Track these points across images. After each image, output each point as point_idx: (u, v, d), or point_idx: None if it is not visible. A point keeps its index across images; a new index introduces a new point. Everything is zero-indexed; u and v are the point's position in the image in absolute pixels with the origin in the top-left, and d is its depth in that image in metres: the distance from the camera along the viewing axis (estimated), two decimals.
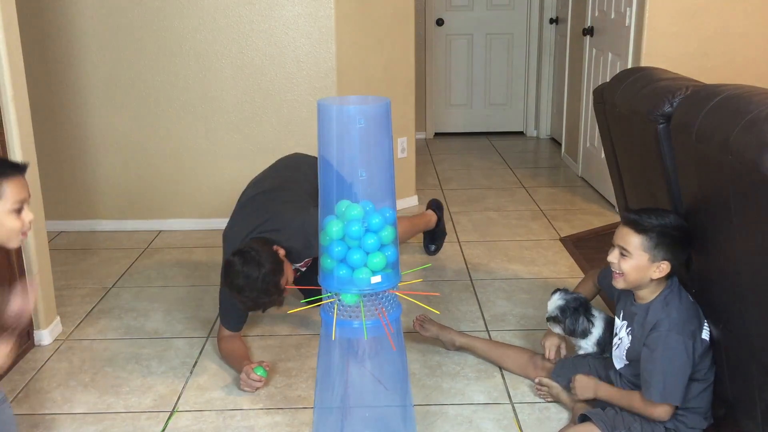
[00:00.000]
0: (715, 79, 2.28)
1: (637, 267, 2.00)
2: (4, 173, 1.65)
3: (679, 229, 2.00)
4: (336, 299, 1.90)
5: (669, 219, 2.00)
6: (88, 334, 2.90)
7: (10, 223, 1.66)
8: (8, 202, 1.65)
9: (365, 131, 1.84)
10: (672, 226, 1.98)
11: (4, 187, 1.64)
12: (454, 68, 6.43)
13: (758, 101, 1.67)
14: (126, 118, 3.94)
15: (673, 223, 1.99)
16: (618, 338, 2.18)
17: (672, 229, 1.98)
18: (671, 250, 1.98)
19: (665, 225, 1.97)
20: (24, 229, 1.69)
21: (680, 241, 2.00)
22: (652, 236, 1.97)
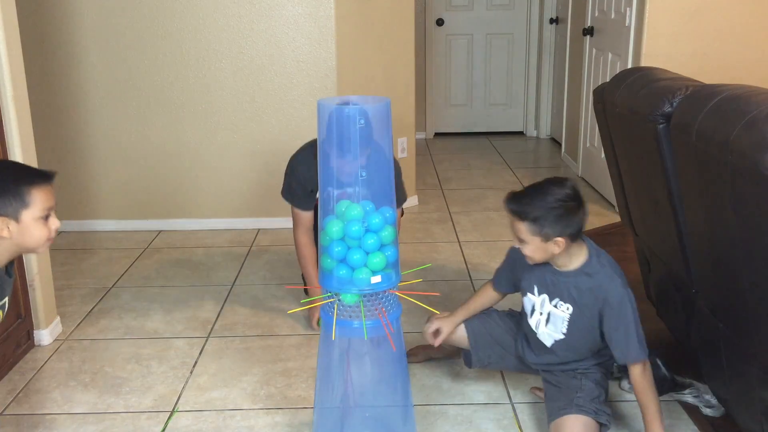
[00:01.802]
0: (715, 79, 2.27)
1: (536, 249, 2.02)
2: (33, 181, 1.68)
3: (559, 203, 1.98)
4: (336, 299, 1.90)
5: (546, 199, 1.99)
6: (88, 334, 2.90)
7: (38, 230, 1.69)
8: (37, 210, 1.68)
9: (365, 131, 1.84)
10: (550, 206, 1.97)
11: (33, 194, 1.67)
12: (454, 68, 6.44)
13: (758, 101, 1.67)
14: (126, 118, 3.94)
15: (550, 201, 1.98)
16: (539, 314, 2.16)
17: (551, 209, 1.97)
18: (558, 226, 1.98)
19: (542, 206, 1.98)
20: (50, 236, 1.73)
21: (564, 215, 1.98)
22: (534, 220, 1.98)
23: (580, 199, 2.01)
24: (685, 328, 2.35)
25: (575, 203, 1.99)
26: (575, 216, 2.00)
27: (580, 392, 2.08)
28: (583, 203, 2.01)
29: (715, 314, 2.05)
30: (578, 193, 2.01)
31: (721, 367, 2.08)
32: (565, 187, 2.01)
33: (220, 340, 2.83)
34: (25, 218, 1.67)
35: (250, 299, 3.19)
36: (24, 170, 1.77)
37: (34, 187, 1.68)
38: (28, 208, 1.67)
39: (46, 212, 1.70)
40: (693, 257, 2.14)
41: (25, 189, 1.66)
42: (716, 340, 2.06)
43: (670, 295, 2.49)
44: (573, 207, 1.99)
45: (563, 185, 2.01)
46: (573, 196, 1.99)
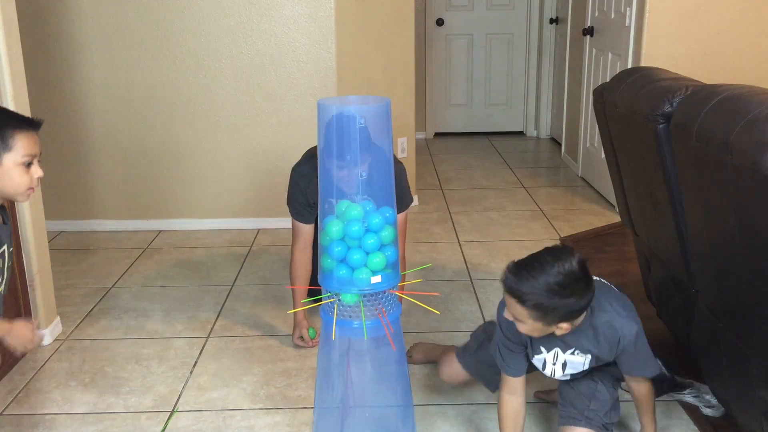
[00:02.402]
0: (715, 79, 2.27)
1: (534, 330, 1.81)
2: (17, 126, 1.68)
3: (566, 289, 1.71)
4: (336, 299, 1.91)
5: (550, 282, 1.71)
6: (88, 334, 2.90)
7: (18, 176, 1.68)
8: (18, 155, 1.66)
9: (365, 131, 1.84)
10: (555, 291, 1.70)
11: (17, 138, 1.66)
12: (454, 68, 6.43)
13: (758, 101, 1.67)
14: (126, 118, 3.94)
15: (555, 286, 1.70)
16: (553, 365, 1.97)
17: (556, 294, 1.71)
18: (562, 314, 1.75)
19: (546, 291, 1.71)
20: (32, 185, 1.71)
21: (571, 303, 1.74)
22: (536, 307, 1.73)
23: (588, 276, 1.77)
24: (685, 328, 2.35)
25: (583, 285, 1.75)
26: (582, 299, 1.76)
27: (593, 402, 2.01)
28: (591, 279, 1.78)
29: (715, 314, 2.05)
30: (585, 269, 1.75)
31: (721, 367, 2.07)
32: (572, 265, 1.73)
33: (220, 340, 2.83)
34: (6, 161, 1.66)
35: (250, 299, 3.19)
36: (10, 115, 1.75)
37: (18, 131, 1.67)
38: (10, 152, 1.66)
39: (28, 159, 1.68)
40: (693, 257, 2.14)
41: (9, 132, 1.66)
42: (716, 340, 2.06)
43: (670, 295, 2.49)
44: (580, 290, 1.75)
45: (569, 262, 1.73)
46: (580, 276, 1.74)
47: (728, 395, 2.10)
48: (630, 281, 3.25)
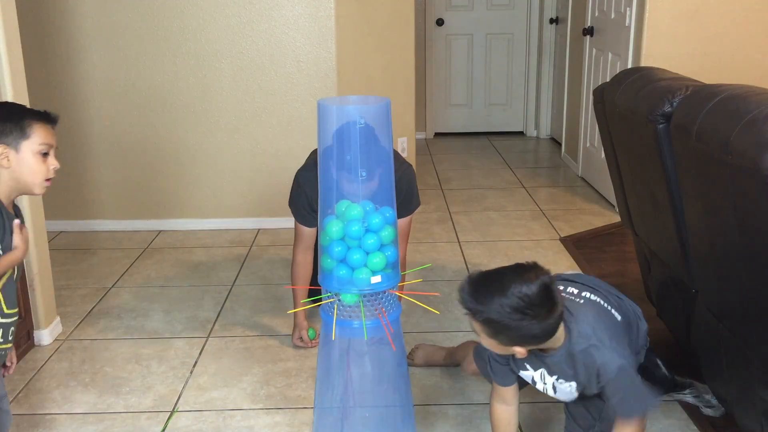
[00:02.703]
0: (715, 79, 2.27)
1: (492, 346, 1.72)
2: (34, 116, 1.75)
3: (518, 312, 1.60)
4: (336, 299, 1.90)
5: (503, 301, 1.60)
6: (88, 334, 2.90)
7: (36, 165, 1.74)
8: (35, 143, 1.74)
9: (365, 131, 1.84)
10: (506, 312, 1.60)
11: (34, 127, 1.74)
12: (454, 68, 6.43)
13: (758, 101, 1.67)
14: (126, 118, 3.94)
15: (507, 307, 1.59)
16: (543, 384, 1.87)
17: (507, 316, 1.60)
18: (515, 336, 1.65)
19: (498, 310, 1.60)
20: (49, 175, 1.77)
21: (524, 327, 1.62)
22: (487, 323, 1.64)
23: (550, 302, 1.62)
24: (685, 328, 2.35)
25: (541, 310, 1.61)
26: (539, 325, 1.63)
27: (599, 423, 1.96)
28: (554, 305, 1.63)
29: (715, 314, 2.05)
30: (548, 294, 1.62)
31: (721, 367, 2.07)
32: (532, 287, 1.60)
33: (220, 340, 2.83)
34: (24, 149, 1.73)
35: (250, 299, 3.19)
36: (27, 108, 1.82)
37: (35, 122, 1.74)
38: (28, 140, 1.73)
39: (45, 148, 1.75)
40: (693, 257, 2.14)
41: (26, 122, 1.73)
42: (716, 340, 2.06)
43: (670, 295, 2.49)
44: (536, 316, 1.61)
45: (530, 283, 1.60)
46: (538, 302, 1.60)
47: (728, 395, 2.10)
48: (630, 281, 3.25)
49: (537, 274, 1.63)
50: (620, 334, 1.82)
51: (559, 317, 1.67)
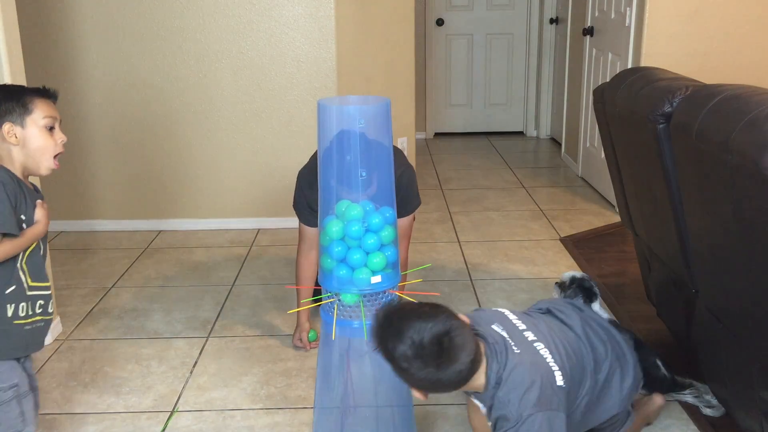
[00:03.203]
0: (715, 79, 2.27)
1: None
2: (34, 92, 1.80)
3: (407, 358, 1.53)
4: (336, 299, 1.91)
5: (397, 347, 1.54)
6: (88, 334, 2.90)
7: (43, 139, 1.78)
8: (39, 117, 1.77)
9: (365, 131, 1.84)
10: (397, 357, 1.55)
11: (36, 102, 1.78)
12: (454, 68, 6.44)
13: (758, 101, 1.67)
14: (126, 118, 3.94)
15: (400, 352, 1.54)
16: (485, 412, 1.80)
17: (397, 361, 1.56)
18: (409, 381, 1.60)
19: (391, 351, 1.55)
20: (57, 150, 1.80)
21: (411, 374, 1.56)
22: (387, 361, 1.59)
23: (443, 356, 1.54)
24: (685, 328, 2.35)
25: (430, 362, 1.53)
26: (432, 375, 1.55)
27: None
28: (448, 360, 1.54)
29: (715, 314, 2.05)
30: (440, 347, 1.53)
31: (721, 367, 2.08)
32: (424, 337, 1.52)
33: (220, 340, 2.83)
34: (29, 125, 1.76)
35: (250, 299, 3.19)
36: (32, 87, 1.86)
37: (36, 97, 1.79)
38: (31, 114, 1.76)
39: (50, 122, 1.79)
40: (693, 257, 2.14)
41: (27, 98, 1.77)
42: (716, 340, 2.06)
43: (670, 295, 2.49)
44: (424, 366, 1.54)
45: (424, 332, 1.52)
46: (428, 353, 1.52)
47: (728, 395, 2.10)
48: (630, 281, 3.26)
49: (438, 322, 1.55)
50: (554, 402, 1.68)
51: (459, 374, 1.58)
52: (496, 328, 1.77)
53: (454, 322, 1.58)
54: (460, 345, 1.57)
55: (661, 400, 2.23)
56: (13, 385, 1.80)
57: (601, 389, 1.89)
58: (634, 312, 2.91)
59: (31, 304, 1.82)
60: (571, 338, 1.87)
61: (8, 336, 1.78)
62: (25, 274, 1.80)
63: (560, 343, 1.81)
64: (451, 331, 1.55)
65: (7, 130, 1.75)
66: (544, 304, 2.05)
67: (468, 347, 1.59)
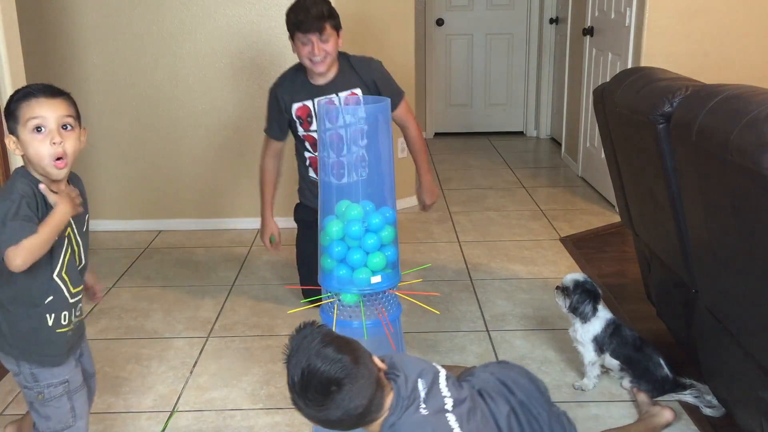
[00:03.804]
0: (715, 79, 2.27)
1: None
2: (22, 97, 1.71)
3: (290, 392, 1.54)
4: (336, 299, 1.91)
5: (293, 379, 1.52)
6: (88, 334, 2.88)
7: (33, 142, 1.68)
8: (24, 123, 1.68)
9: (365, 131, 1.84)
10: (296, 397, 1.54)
11: (22, 109, 1.68)
12: (454, 68, 6.43)
13: (758, 101, 1.67)
14: (126, 118, 3.94)
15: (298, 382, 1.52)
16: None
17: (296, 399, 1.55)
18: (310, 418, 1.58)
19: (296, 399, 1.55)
20: (54, 152, 1.69)
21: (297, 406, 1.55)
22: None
23: (330, 399, 1.50)
24: (685, 328, 2.35)
25: (300, 401, 1.53)
26: (310, 414, 1.55)
27: None
28: (334, 407, 1.50)
29: (715, 314, 2.05)
30: (305, 385, 1.50)
31: (721, 367, 2.08)
32: (296, 372, 1.51)
33: (220, 340, 2.83)
34: (21, 134, 1.69)
35: (250, 299, 3.19)
36: (22, 89, 1.76)
37: (22, 102, 1.69)
38: (18, 124, 1.69)
39: (34, 123, 1.68)
40: (693, 257, 2.14)
41: (14, 106, 1.70)
42: (716, 340, 2.06)
43: (670, 295, 2.49)
44: (304, 406, 1.53)
45: (297, 367, 1.51)
46: (298, 389, 1.51)
47: (728, 395, 2.10)
48: (630, 281, 3.26)
49: (336, 364, 1.49)
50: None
51: (341, 423, 1.53)
52: (419, 384, 1.66)
53: (354, 371, 1.50)
54: (350, 397, 1.50)
55: (671, 415, 2.20)
56: (64, 381, 1.82)
57: None
58: (634, 312, 2.91)
59: (73, 311, 1.84)
60: (492, 428, 1.74)
61: (52, 344, 1.79)
62: (66, 284, 1.82)
63: (473, 424, 1.69)
64: (344, 378, 1.49)
65: (9, 143, 1.72)
66: (477, 379, 1.87)
67: (359, 400, 1.52)
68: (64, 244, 1.83)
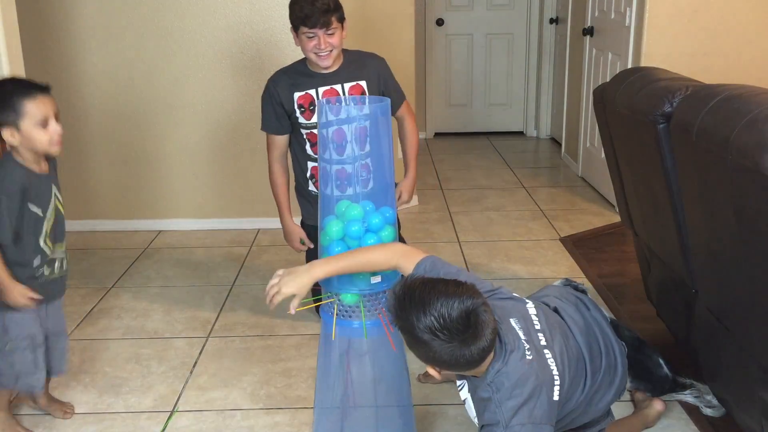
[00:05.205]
0: (715, 79, 2.27)
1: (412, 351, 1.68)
2: (25, 93, 1.96)
3: (428, 330, 1.54)
4: (336, 299, 1.91)
5: (416, 317, 1.55)
6: (88, 334, 2.90)
7: (38, 135, 1.97)
8: (30, 119, 1.95)
9: (365, 131, 1.84)
10: (417, 327, 1.55)
11: (26, 105, 1.95)
12: (454, 68, 6.43)
13: (758, 101, 1.67)
14: (126, 117, 3.94)
15: (420, 324, 1.55)
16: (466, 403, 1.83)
17: (417, 331, 1.56)
18: (425, 356, 1.61)
19: (408, 324, 1.57)
20: (53, 139, 2.00)
21: (432, 344, 1.56)
22: (403, 333, 1.62)
23: (469, 331, 1.55)
24: (685, 328, 2.35)
25: (456, 337, 1.54)
26: (453, 351, 1.56)
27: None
28: (474, 336, 1.55)
29: (715, 314, 2.05)
30: (468, 322, 1.54)
31: (721, 367, 2.08)
32: (453, 311, 1.53)
33: (220, 340, 2.83)
34: (23, 126, 1.96)
35: (250, 299, 3.19)
36: (19, 84, 2.03)
37: (27, 98, 1.95)
38: (23, 118, 1.95)
39: (43, 119, 1.97)
40: (693, 257, 2.14)
41: (17, 101, 1.94)
42: (716, 340, 2.06)
43: (670, 295, 2.49)
44: (449, 340, 1.54)
45: (452, 307, 1.53)
46: (455, 327, 1.53)
47: (728, 395, 2.10)
48: (630, 281, 3.26)
49: (465, 298, 1.55)
50: (545, 416, 1.68)
51: (481, 351, 1.58)
52: (514, 324, 1.73)
53: (478, 300, 1.57)
54: (486, 322, 1.57)
55: (661, 405, 2.23)
56: (29, 335, 2.11)
57: (588, 401, 1.88)
58: (634, 312, 2.91)
59: (55, 266, 2.14)
60: (572, 349, 1.85)
61: (34, 285, 2.07)
62: (48, 247, 2.10)
63: (564, 354, 1.80)
64: (477, 307, 1.56)
65: (6, 135, 1.96)
66: (552, 297, 2.00)
67: (491, 325, 1.59)
68: (48, 213, 2.10)
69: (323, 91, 2.71)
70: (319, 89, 2.73)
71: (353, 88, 2.75)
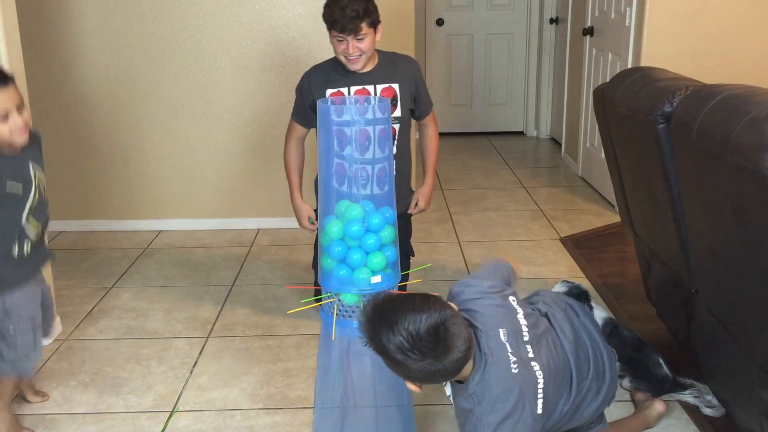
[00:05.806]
0: (715, 79, 2.27)
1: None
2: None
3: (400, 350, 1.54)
4: (336, 299, 1.91)
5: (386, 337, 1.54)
6: (88, 334, 2.90)
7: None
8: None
9: (365, 131, 1.84)
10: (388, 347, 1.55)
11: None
12: (454, 68, 6.43)
13: (758, 101, 1.67)
14: (126, 117, 3.94)
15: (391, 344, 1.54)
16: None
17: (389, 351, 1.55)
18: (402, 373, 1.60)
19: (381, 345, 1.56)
20: (12, 133, 1.94)
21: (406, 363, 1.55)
22: (378, 353, 1.60)
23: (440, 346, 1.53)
24: (685, 328, 2.35)
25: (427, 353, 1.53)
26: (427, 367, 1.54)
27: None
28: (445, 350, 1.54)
29: (715, 314, 2.05)
30: (437, 337, 1.53)
31: (721, 367, 2.08)
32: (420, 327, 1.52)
33: (220, 340, 2.83)
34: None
35: (250, 299, 3.19)
36: None
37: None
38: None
39: (1, 114, 1.91)
40: (693, 257, 2.14)
41: None
42: (716, 340, 2.06)
43: (670, 295, 2.49)
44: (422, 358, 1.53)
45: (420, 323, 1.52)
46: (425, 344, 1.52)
47: (728, 395, 2.10)
48: (630, 281, 3.26)
49: (433, 311, 1.53)
50: (524, 427, 1.67)
51: (455, 363, 1.56)
52: (502, 336, 1.71)
53: (446, 312, 1.56)
54: (456, 334, 1.55)
55: (662, 407, 2.22)
56: (30, 315, 2.12)
57: (575, 409, 1.87)
58: (634, 312, 2.91)
59: (33, 242, 2.13)
60: (559, 357, 1.82)
61: (18, 267, 2.07)
62: (30, 225, 2.10)
63: (551, 363, 1.78)
64: (446, 320, 1.54)
65: None
66: (542, 303, 2.00)
67: (463, 335, 1.57)
68: (31, 192, 2.09)
69: (355, 90, 2.72)
70: (351, 88, 2.73)
71: (385, 90, 2.73)
